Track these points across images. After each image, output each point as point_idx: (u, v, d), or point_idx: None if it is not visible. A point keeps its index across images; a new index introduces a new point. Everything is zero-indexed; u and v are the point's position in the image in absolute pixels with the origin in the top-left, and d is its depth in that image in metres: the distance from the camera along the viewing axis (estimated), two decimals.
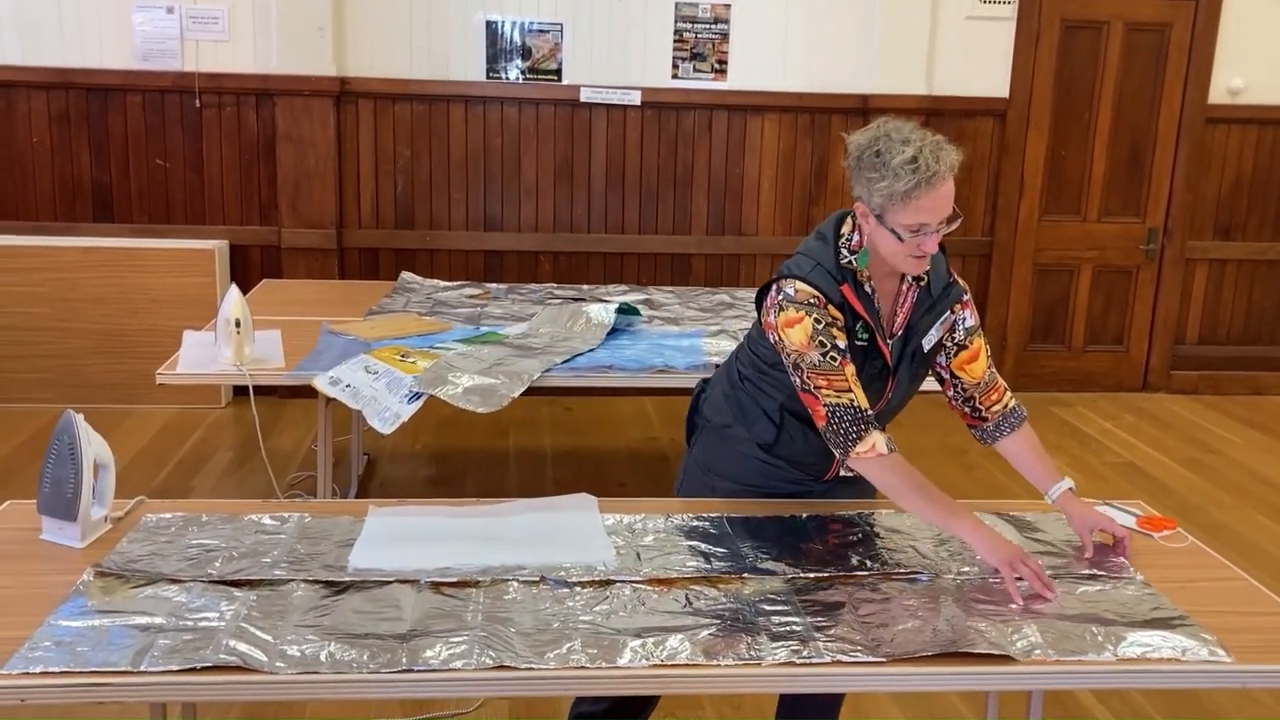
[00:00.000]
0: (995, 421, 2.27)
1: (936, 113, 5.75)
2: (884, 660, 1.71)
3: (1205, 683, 1.77)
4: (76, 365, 5.26)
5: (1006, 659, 1.73)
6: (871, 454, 2.07)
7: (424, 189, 5.59)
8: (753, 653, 1.72)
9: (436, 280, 4.67)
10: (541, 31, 5.50)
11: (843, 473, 2.32)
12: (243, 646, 1.66)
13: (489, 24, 5.47)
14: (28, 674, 1.58)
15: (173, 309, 5.20)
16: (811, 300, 2.11)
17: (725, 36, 5.60)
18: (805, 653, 1.72)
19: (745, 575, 1.97)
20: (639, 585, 1.92)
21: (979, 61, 5.77)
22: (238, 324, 3.24)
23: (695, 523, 2.20)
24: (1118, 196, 6.04)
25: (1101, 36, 5.82)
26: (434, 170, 5.58)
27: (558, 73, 5.53)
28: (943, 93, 5.74)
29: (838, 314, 2.13)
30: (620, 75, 5.57)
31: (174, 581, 1.87)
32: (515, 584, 1.90)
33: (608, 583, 1.92)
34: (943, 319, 2.22)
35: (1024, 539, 2.17)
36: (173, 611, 1.76)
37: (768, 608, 1.86)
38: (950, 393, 2.31)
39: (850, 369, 2.11)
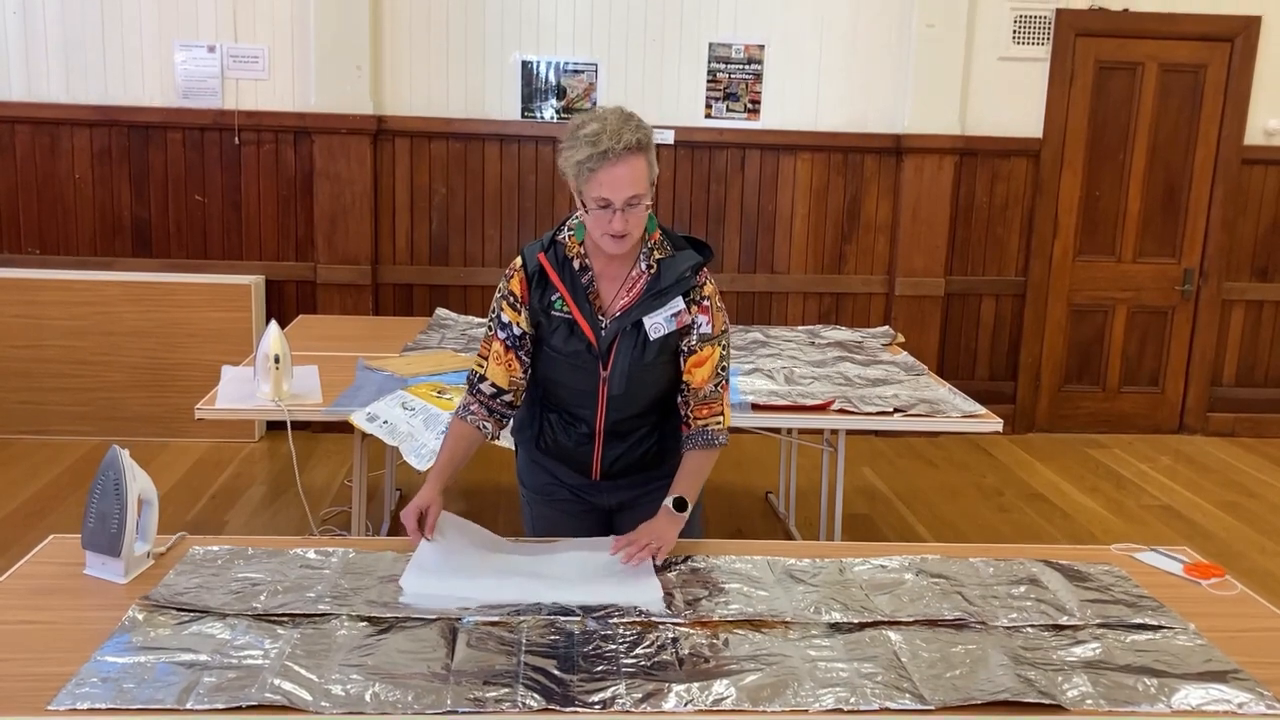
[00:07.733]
0: (691, 433, 2.34)
1: (970, 152, 5.76)
2: (933, 709, 1.68)
3: None
4: (114, 398, 5.32)
5: (1057, 708, 1.70)
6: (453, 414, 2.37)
7: (459, 226, 5.64)
8: (799, 699, 1.69)
9: (471, 317, 4.69)
10: (576, 71, 5.55)
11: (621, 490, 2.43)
12: (287, 685, 1.65)
13: (524, 64, 5.53)
14: (75, 710, 1.58)
15: (209, 343, 5.25)
16: (509, 272, 2.29)
17: (759, 77, 5.64)
18: (853, 700, 1.70)
19: (790, 620, 1.95)
20: (683, 627, 1.91)
21: (1013, 102, 5.78)
22: (277, 360, 3.25)
23: (738, 565, 2.18)
24: (1153, 237, 6.01)
25: (1136, 77, 5.81)
26: (469, 207, 5.62)
27: None
28: (976, 133, 5.75)
29: (518, 288, 2.26)
30: (654, 114, 5.60)
31: (219, 617, 1.87)
32: (560, 623, 1.89)
33: (653, 624, 1.91)
34: (674, 310, 2.25)
35: (1075, 588, 2.13)
36: (217, 649, 1.76)
37: (813, 653, 1.84)
38: (680, 393, 2.35)
39: (498, 344, 2.28)
